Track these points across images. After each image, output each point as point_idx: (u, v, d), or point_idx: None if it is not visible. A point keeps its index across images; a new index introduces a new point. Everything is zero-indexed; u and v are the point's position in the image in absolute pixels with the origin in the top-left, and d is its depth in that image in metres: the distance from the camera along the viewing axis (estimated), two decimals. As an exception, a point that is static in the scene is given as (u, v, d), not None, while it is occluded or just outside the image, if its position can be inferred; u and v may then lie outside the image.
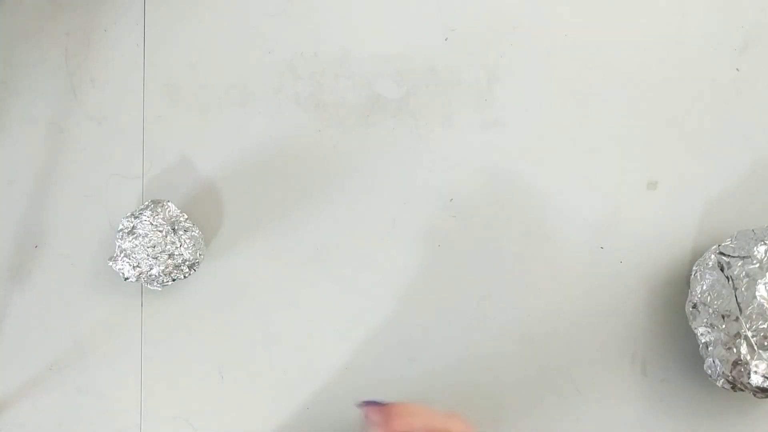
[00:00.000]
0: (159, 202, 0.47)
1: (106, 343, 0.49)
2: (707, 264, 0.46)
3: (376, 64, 0.52)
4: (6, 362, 0.49)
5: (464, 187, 0.51)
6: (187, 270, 0.47)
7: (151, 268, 0.46)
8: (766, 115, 0.52)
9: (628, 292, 0.50)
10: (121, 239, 0.46)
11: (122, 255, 0.46)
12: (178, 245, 0.46)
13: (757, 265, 0.43)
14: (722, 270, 0.45)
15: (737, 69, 0.52)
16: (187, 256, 0.46)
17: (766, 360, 0.41)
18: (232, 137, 0.51)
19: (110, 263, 0.46)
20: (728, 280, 0.44)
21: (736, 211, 0.51)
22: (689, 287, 0.48)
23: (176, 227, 0.46)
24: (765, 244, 0.44)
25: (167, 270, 0.46)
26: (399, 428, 0.35)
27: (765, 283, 0.42)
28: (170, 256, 0.46)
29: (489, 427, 0.41)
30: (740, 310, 0.43)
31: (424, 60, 0.52)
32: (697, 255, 0.50)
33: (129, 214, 0.47)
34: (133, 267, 0.46)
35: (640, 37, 0.52)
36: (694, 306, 0.46)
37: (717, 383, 0.45)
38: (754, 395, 0.43)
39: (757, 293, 0.42)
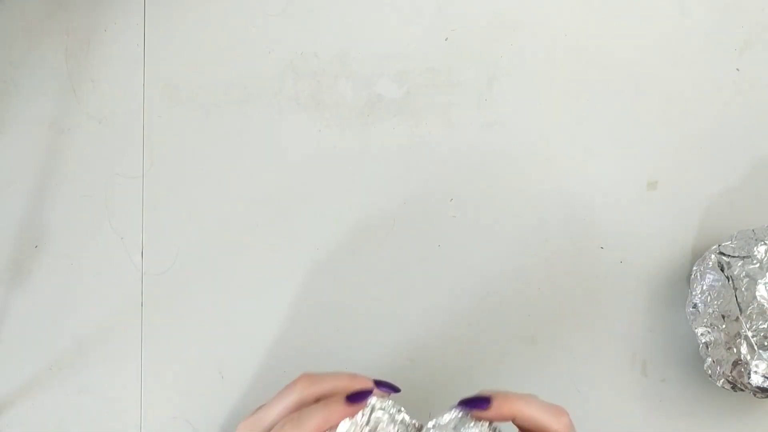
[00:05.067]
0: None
1: (106, 343, 0.49)
2: (707, 264, 0.46)
3: (376, 64, 0.52)
4: (6, 362, 0.49)
5: (464, 187, 0.51)
6: None
7: None
8: (766, 115, 0.52)
9: (628, 292, 0.50)
10: None
11: None
12: None
13: (757, 265, 0.43)
14: (722, 270, 0.45)
15: (737, 69, 0.52)
16: None
17: (766, 360, 0.41)
18: (232, 137, 0.51)
19: None
20: (728, 280, 0.44)
21: (736, 211, 0.51)
22: (689, 287, 0.48)
23: None
24: (765, 244, 0.44)
25: None
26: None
27: (765, 283, 0.42)
28: None
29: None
30: (740, 310, 0.43)
31: (424, 60, 0.52)
32: (697, 255, 0.50)
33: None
34: None
35: (640, 37, 0.52)
36: (694, 306, 0.46)
37: (717, 383, 0.45)
38: (754, 395, 0.43)
39: (757, 293, 0.42)
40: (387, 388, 0.38)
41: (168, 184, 0.51)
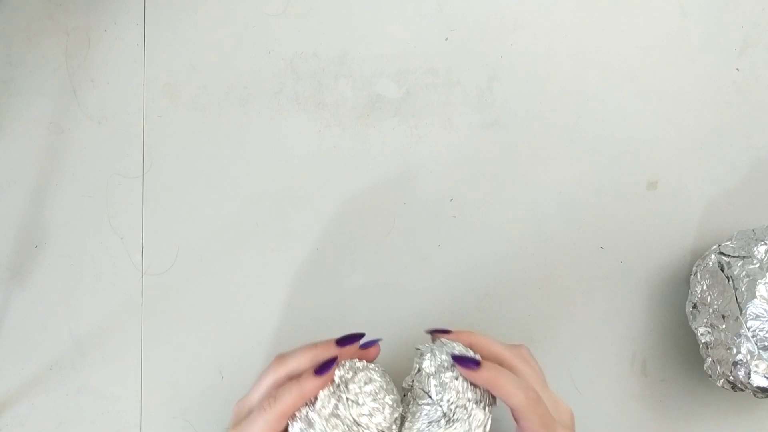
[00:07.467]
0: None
1: (105, 343, 0.49)
2: (707, 264, 0.46)
3: (376, 64, 0.52)
4: (6, 362, 0.49)
5: (464, 187, 0.51)
6: None
7: None
8: (766, 115, 0.52)
9: (628, 292, 0.50)
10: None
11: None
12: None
13: (757, 265, 0.43)
14: (722, 270, 0.45)
15: (737, 69, 0.52)
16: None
17: (766, 360, 0.41)
18: (232, 137, 0.51)
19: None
20: (728, 280, 0.44)
21: (736, 211, 0.51)
22: (689, 287, 0.48)
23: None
24: (765, 244, 0.44)
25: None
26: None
27: (765, 283, 0.42)
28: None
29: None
30: (740, 310, 0.43)
31: (424, 60, 0.52)
32: (697, 255, 0.50)
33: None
34: None
35: (640, 37, 0.52)
36: (694, 306, 0.46)
37: (717, 383, 0.45)
38: (754, 395, 0.43)
39: (757, 293, 0.42)
40: (366, 344, 0.41)
41: (168, 184, 0.51)
